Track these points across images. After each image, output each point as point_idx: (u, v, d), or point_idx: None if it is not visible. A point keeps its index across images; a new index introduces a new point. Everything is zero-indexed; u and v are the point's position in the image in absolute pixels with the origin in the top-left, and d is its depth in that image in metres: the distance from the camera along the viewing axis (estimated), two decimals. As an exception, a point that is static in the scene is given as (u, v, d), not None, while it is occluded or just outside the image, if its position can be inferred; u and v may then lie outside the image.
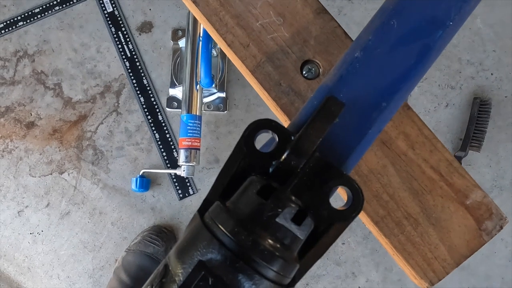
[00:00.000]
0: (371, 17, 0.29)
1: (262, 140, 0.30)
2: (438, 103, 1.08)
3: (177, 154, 1.06)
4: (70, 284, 1.06)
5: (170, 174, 1.07)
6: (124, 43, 1.11)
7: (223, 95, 1.08)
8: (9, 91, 1.11)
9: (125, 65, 1.10)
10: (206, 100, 1.07)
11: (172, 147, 1.08)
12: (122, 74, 1.11)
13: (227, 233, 0.20)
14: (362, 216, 0.36)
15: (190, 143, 0.97)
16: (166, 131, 1.09)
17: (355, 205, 0.25)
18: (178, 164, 0.98)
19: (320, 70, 0.37)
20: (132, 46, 1.11)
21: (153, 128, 1.09)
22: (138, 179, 1.04)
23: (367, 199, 0.35)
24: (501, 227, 0.35)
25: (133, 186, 1.04)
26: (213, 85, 1.01)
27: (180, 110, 1.06)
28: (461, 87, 1.08)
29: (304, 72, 0.37)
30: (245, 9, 0.38)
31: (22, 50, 1.12)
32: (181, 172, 0.98)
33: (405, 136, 0.36)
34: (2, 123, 1.11)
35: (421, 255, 0.35)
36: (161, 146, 1.08)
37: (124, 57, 1.11)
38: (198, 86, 0.99)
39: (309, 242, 0.24)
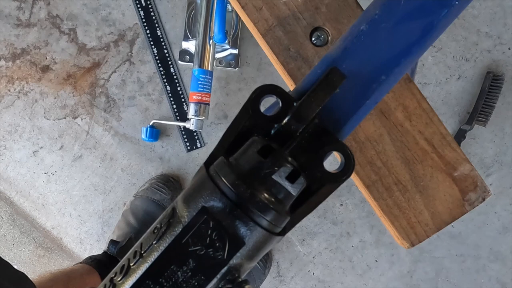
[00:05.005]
0: (381, -9, 0.30)
1: (266, 104, 0.32)
2: (450, 74, 1.08)
3: (187, 107, 1.09)
4: (81, 222, 1.13)
5: (179, 126, 1.10)
6: (139, -8, 1.10)
7: (235, 51, 1.08)
8: (25, 33, 1.12)
9: (140, 14, 1.10)
10: (218, 55, 1.08)
11: (183, 100, 1.11)
12: (136, 23, 1.11)
13: (228, 184, 0.23)
14: (355, 179, 0.39)
15: (200, 98, 0.99)
16: (177, 84, 1.10)
17: (346, 169, 0.27)
18: (187, 117, 1.00)
19: (329, 38, 0.38)
20: (147, -5, 1.10)
21: (165, 80, 1.10)
22: (148, 129, 1.07)
23: (361, 164, 0.38)
24: (483, 199, 0.37)
25: (143, 136, 1.07)
26: (226, 41, 1.01)
27: (192, 63, 1.07)
28: (476, 60, 1.07)
29: (313, 39, 0.38)
30: (261, -28, 0.38)
31: (38, -8, 1.12)
32: (190, 125, 1.01)
33: (404, 108, 0.38)
34: (18, 65, 1.13)
35: (406, 218, 0.38)
36: (171, 98, 1.10)
37: (139, 5, 1.10)
38: (211, 41, 0.99)
39: (301, 198, 0.27)
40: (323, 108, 0.28)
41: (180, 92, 1.11)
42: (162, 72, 1.10)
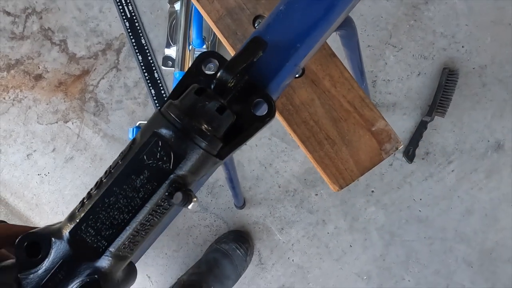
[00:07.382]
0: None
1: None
2: (411, 71, 1.18)
3: (171, 108, 1.17)
4: (73, 220, 1.20)
5: (164, 126, 1.19)
6: (124, 4, 1.20)
7: (214, 56, 1.17)
8: (18, 45, 1.21)
9: (125, 25, 1.20)
10: (198, 60, 1.17)
11: (166, 102, 1.19)
12: (122, 33, 1.20)
13: (173, 115, 0.31)
14: (293, 136, 0.47)
15: (181, 98, 1.08)
16: (161, 88, 1.19)
17: (269, 113, 0.36)
18: (170, 116, 1.09)
19: (268, 24, 0.47)
20: (132, 7, 1.20)
21: (150, 85, 1.19)
22: (135, 129, 1.15)
23: (298, 124, 0.46)
24: (397, 148, 0.46)
25: (130, 136, 1.15)
26: (204, 46, 1.11)
27: (174, 68, 1.16)
28: (433, 58, 1.17)
29: (256, 25, 0.48)
30: (212, -27, 0.47)
31: (30, 7, 1.22)
32: (173, 124, 1.09)
33: (330, 77, 0.47)
34: (13, 75, 1.21)
35: (335, 166, 0.46)
36: (156, 101, 1.19)
37: (124, 17, 1.20)
38: (190, 46, 1.08)
39: (236, 133, 0.36)
40: (253, 68, 0.37)
41: (164, 95, 1.19)
42: (147, 77, 1.19)
